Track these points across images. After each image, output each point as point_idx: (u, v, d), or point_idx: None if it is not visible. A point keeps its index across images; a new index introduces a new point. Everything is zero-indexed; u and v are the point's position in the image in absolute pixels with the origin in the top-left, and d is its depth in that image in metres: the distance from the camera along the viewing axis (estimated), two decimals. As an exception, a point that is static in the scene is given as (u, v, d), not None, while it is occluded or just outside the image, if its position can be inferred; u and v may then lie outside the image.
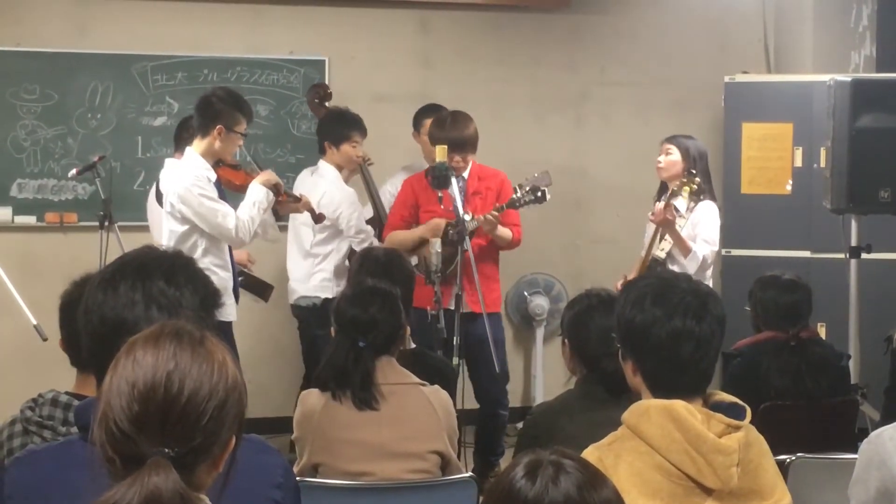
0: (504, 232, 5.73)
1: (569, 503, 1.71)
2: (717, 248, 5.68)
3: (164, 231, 5.26)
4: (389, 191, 6.44)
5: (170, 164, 5.41)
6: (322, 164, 6.07)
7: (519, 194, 5.54)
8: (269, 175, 5.41)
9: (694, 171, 5.55)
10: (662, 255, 5.58)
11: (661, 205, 5.55)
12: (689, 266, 5.51)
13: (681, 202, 5.61)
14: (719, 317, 2.51)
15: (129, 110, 6.90)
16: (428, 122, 6.35)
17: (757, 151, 6.82)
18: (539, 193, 5.47)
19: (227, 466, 1.67)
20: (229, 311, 5.06)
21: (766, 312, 4.58)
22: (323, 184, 5.95)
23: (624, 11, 7.47)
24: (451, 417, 3.65)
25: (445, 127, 5.74)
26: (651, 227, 5.85)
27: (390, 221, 5.97)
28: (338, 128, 6.06)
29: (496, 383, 5.83)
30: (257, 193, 5.29)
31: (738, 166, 6.85)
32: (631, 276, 5.64)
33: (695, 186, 5.52)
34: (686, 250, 5.51)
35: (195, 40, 6.97)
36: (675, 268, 5.51)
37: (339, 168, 6.05)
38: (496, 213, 5.57)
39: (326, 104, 6.37)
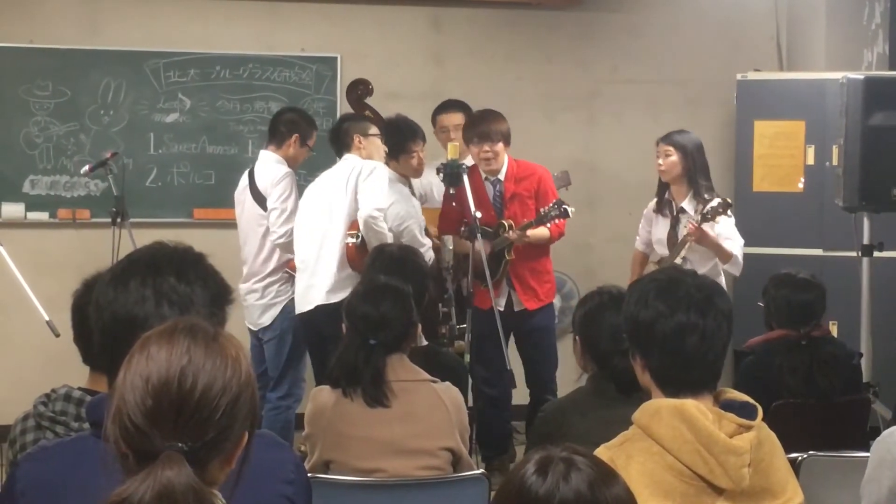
0: (538, 236, 5.74)
1: (580, 500, 1.71)
2: (742, 241, 5.66)
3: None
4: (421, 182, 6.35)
5: (264, 156, 5.79)
6: (390, 172, 5.88)
7: (544, 210, 5.56)
8: None
9: (730, 201, 5.53)
10: (680, 261, 5.57)
11: (695, 220, 5.50)
12: (733, 271, 5.54)
13: (688, 204, 5.60)
14: (725, 311, 2.49)
15: (142, 107, 6.92)
16: (438, 118, 6.38)
17: (769, 149, 6.80)
18: (562, 209, 5.48)
19: (239, 463, 1.68)
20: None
21: (778, 310, 4.57)
22: (391, 194, 5.79)
23: (636, 9, 7.46)
24: (463, 414, 3.64)
25: (474, 122, 5.84)
26: (654, 226, 5.82)
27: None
28: (391, 141, 5.91)
29: (548, 370, 5.96)
30: None
31: (749, 164, 6.84)
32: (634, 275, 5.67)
33: (730, 215, 5.50)
34: (727, 257, 5.50)
35: (207, 37, 6.98)
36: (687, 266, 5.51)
37: (405, 177, 5.96)
38: (520, 233, 5.62)
39: (366, 101, 6.27)
